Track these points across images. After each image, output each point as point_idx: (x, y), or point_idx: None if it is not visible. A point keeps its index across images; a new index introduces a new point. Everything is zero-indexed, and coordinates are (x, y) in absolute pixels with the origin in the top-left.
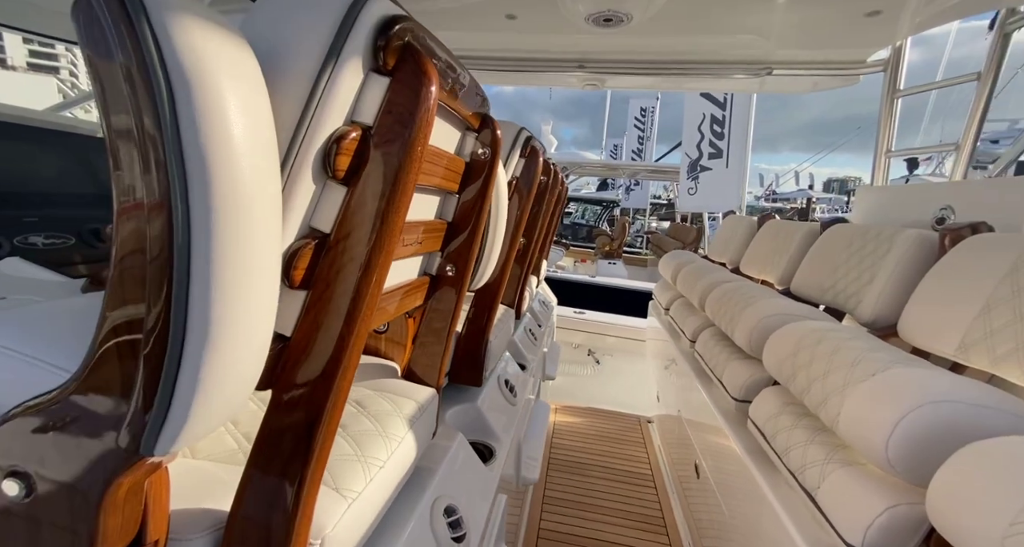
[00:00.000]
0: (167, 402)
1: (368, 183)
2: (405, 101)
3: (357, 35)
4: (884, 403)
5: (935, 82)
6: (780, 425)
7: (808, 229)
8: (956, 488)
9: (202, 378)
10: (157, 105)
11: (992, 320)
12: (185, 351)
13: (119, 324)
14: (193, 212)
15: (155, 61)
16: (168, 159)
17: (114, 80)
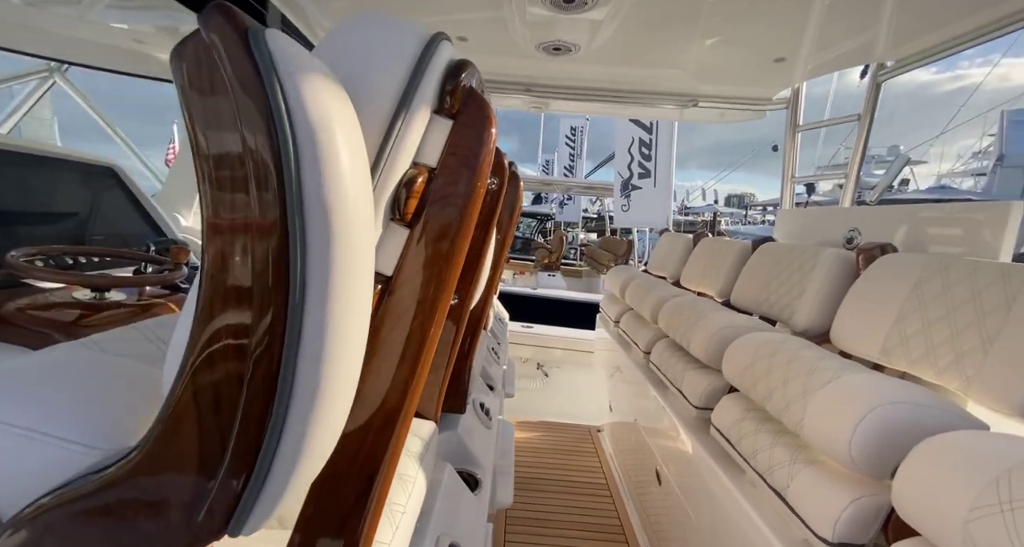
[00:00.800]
0: (266, 468)
1: (432, 225)
2: (469, 143)
3: (429, 78)
4: (844, 407)
5: (825, 120)
6: (744, 430)
7: (741, 247)
8: (920, 479)
9: (308, 433)
10: (280, 144)
11: (905, 328)
12: (293, 402)
13: (206, 382)
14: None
15: (282, 110)
16: (289, 197)
17: (222, 117)
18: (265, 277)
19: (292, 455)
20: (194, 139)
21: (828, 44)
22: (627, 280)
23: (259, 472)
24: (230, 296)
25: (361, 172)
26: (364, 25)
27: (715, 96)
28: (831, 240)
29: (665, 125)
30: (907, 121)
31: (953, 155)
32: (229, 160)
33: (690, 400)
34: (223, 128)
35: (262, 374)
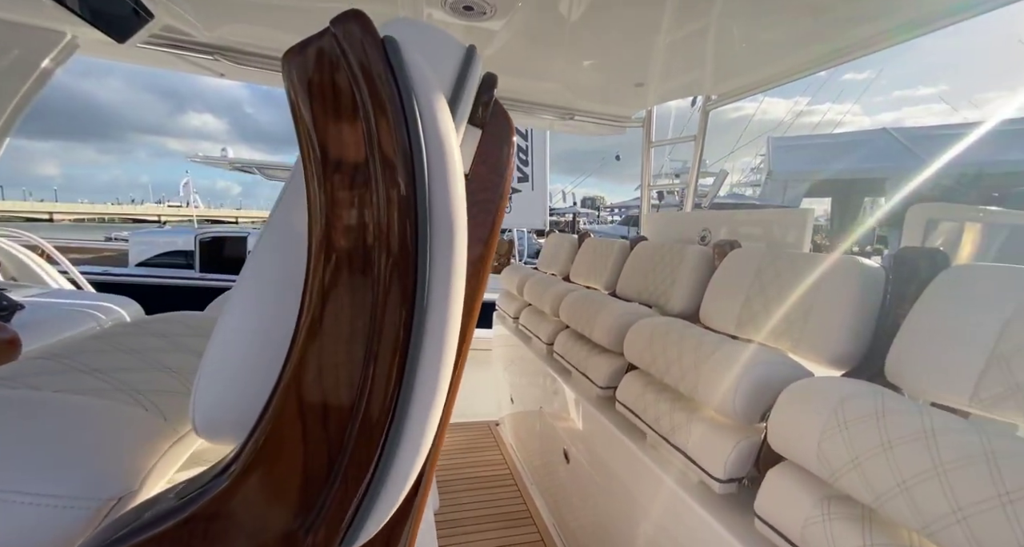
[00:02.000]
0: (385, 475)
1: (470, 230)
2: (497, 152)
3: (470, 90)
4: (727, 371)
5: (671, 138)
6: (647, 401)
7: (621, 245)
8: (786, 417)
9: (425, 435)
10: (414, 152)
11: (752, 306)
12: (413, 405)
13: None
14: (436, 265)
15: (417, 118)
16: (421, 206)
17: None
18: (391, 281)
19: (409, 458)
20: (311, 146)
21: (671, 76)
22: (524, 278)
23: (378, 480)
24: (344, 304)
25: (463, 179)
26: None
27: (587, 111)
28: (689, 238)
29: (539, 133)
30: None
31: (739, 169)
32: (355, 167)
33: (595, 381)
34: (353, 134)
35: (384, 379)
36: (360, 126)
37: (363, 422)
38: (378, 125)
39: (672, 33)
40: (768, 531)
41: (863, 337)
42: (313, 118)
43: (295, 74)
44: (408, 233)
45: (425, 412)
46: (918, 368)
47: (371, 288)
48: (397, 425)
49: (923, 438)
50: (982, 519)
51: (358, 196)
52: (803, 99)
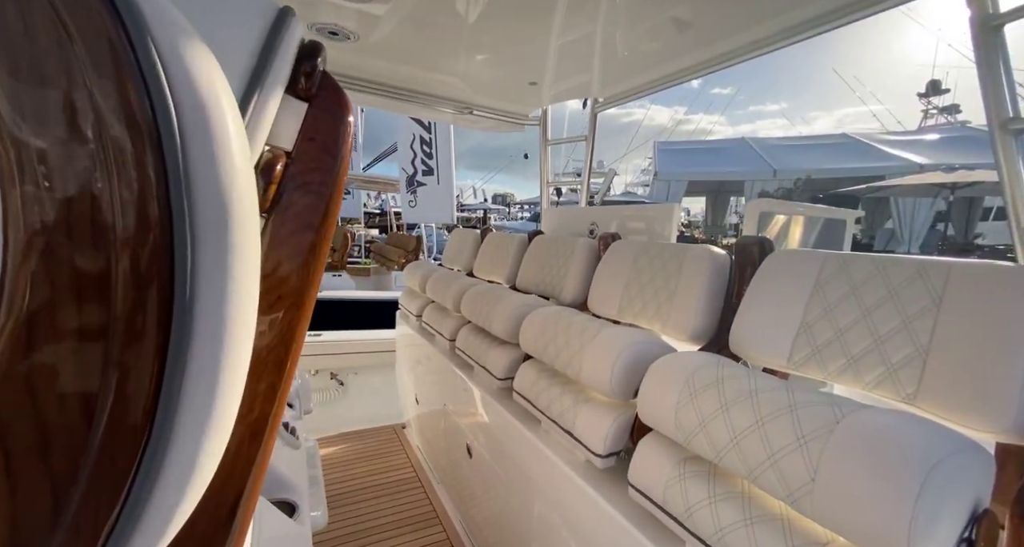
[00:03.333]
0: (140, 508)
1: (294, 213)
2: (328, 129)
3: (283, 55)
4: (605, 353)
5: (565, 137)
6: (540, 388)
7: (520, 239)
8: (650, 391)
9: (200, 456)
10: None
11: (629, 292)
12: (179, 422)
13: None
14: (203, 255)
15: (157, 68)
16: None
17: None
18: (133, 273)
19: (178, 487)
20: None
21: (562, 77)
22: (426, 274)
23: (129, 518)
24: (65, 303)
25: (246, 151)
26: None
27: (486, 107)
28: (580, 231)
29: (442, 126)
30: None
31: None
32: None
33: (494, 373)
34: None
35: (134, 390)
36: (64, 80)
37: (104, 447)
38: (97, 79)
39: (562, 36)
40: (639, 497)
41: (714, 315)
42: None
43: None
44: (154, 218)
45: (200, 429)
46: (751, 339)
47: (107, 281)
48: (156, 448)
49: (749, 398)
50: (786, 461)
51: (73, 174)
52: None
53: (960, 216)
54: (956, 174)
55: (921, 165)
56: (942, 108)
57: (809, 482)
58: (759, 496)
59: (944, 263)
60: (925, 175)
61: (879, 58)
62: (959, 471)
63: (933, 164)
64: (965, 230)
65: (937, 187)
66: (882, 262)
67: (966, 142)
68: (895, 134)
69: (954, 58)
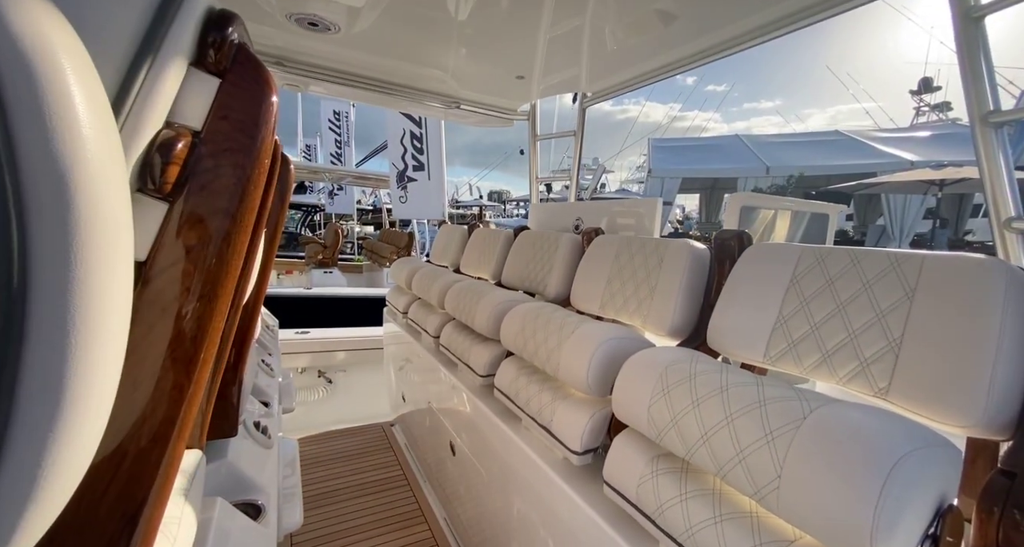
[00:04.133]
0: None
1: (203, 198)
2: (244, 106)
3: (184, 22)
4: (582, 349)
5: (555, 132)
6: (520, 385)
7: (506, 235)
8: (624, 387)
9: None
10: None
11: (611, 288)
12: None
13: None
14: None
15: None
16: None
17: None
18: None
19: (17, 502)
20: None
21: (550, 72)
22: (412, 271)
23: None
24: None
25: (105, 122)
26: None
27: (473, 102)
28: (566, 227)
29: (433, 121)
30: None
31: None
32: None
33: (475, 370)
34: None
35: None
36: None
37: None
38: None
39: (550, 31)
40: (613, 494)
41: (694, 309)
42: None
43: None
44: None
45: (42, 439)
46: (728, 334)
47: None
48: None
49: (720, 393)
50: (754, 457)
51: None
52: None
53: (950, 212)
54: (944, 171)
55: (912, 162)
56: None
57: (775, 479)
58: (729, 493)
59: (917, 255)
60: (914, 172)
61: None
62: (924, 466)
63: (923, 161)
64: (955, 226)
65: (926, 184)
66: (857, 255)
67: (956, 139)
68: (887, 131)
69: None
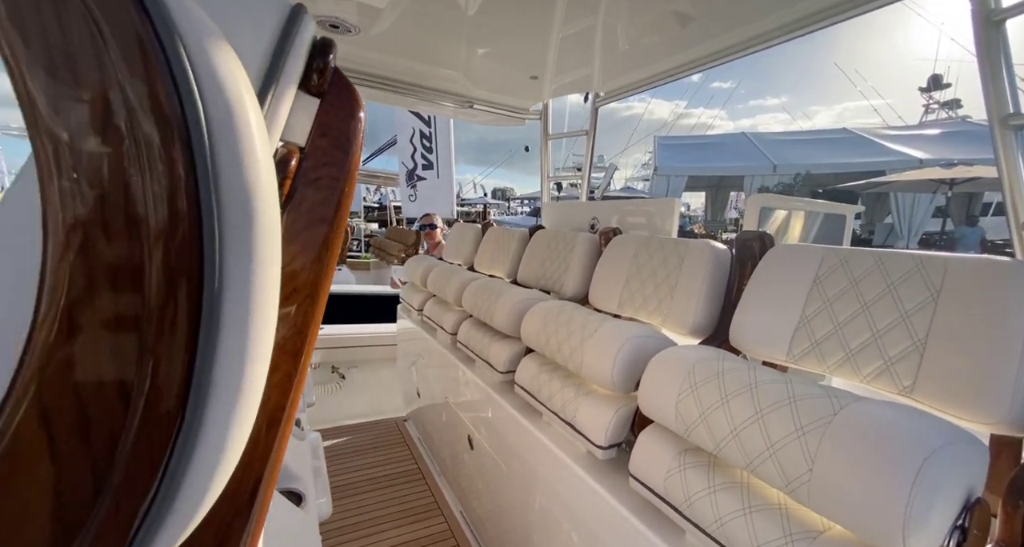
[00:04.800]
0: (173, 495)
1: (308, 208)
2: (339, 125)
3: (297, 52)
4: (606, 347)
5: (567, 132)
6: (541, 381)
7: (520, 234)
8: (652, 384)
9: (228, 441)
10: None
11: (630, 286)
12: (209, 409)
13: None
14: (230, 248)
15: (187, 70)
16: (203, 177)
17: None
18: (167, 263)
19: (208, 471)
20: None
21: (563, 71)
22: (428, 269)
23: (163, 500)
24: (101, 293)
25: (268, 147)
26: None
27: (486, 101)
28: (581, 226)
29: (442, 120)
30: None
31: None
32: (100, 132)
33: (495, 367)
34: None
35: (167, 378)
36: (97, 77)
37: (140, 431)
38: (129, 77)
39: (563, 30)
40: (640, 487)
41: (715, 309)
42: (18, 64)
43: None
44: (184, 212)
45: (228, 415)
46: (751, 334)
47: (140, 273)
48: (188, 433)
49: (749, 390)
50: (785, 451)
51: (108, 169)
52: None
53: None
54: (954, 170)
55: (921, 160)
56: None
57: (807, 472)
58: (758, 486)
59: (942, 258)
60: (924, 171)
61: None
62: (953, 461)
63: (933, 159)
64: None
65: (936, 183)
66: (881, 257)
67: (966, 137)
68: (895, 129)
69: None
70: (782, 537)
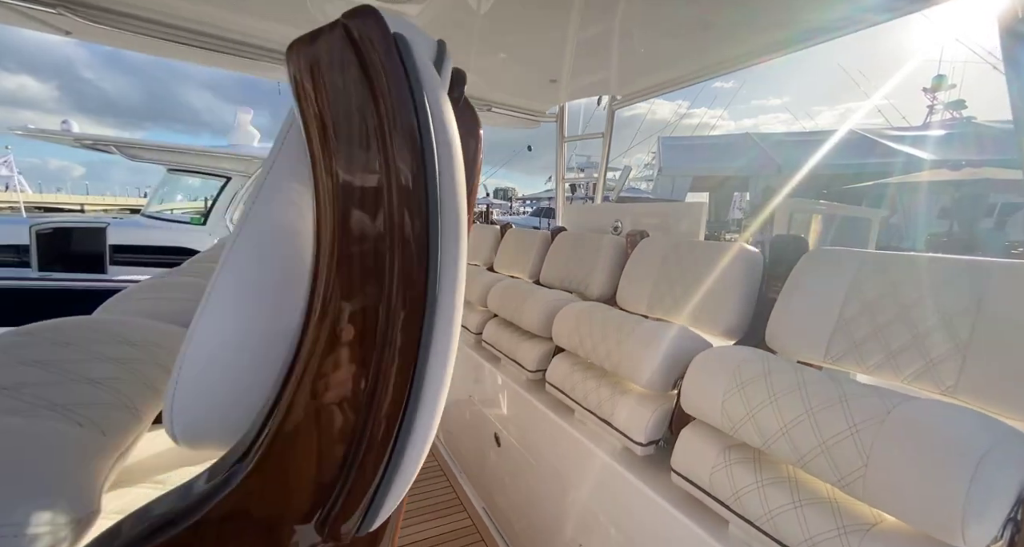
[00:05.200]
0: (399, 462)
1: None
2: (468, 147)
3: (445, 83)
4: (646, 347)
5: (581, 134)
6: (575, 380)
7: (542, 235)
8: (696, 381)
9: (433, 420)
10: (425, 156)
11: (659, 288)
12: (424, 394)
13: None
14: (444, 258)
15: (429, 122)
16: (432, 204)
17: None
18: (404, 273)
19: (420, 447)
20: (322, 140)
21: (581, 74)
22: None
23: (392, 469)
24: (356, 296)
25: (465, 195)
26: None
27: (504, 104)
28: (602, 228)
29: None
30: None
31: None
32: (366, 162)
33: (525, 366)
34: (363, 130)
35: (399, 370)
36: (372, 121)
37: (378, 414)
38: (392, 121)
39: (581, 33)
40: (682, 482)
41: (748, 311)
42: (320, 111)
43: (304, 64)
44: (419, 227)
45: (433, 403)
46: (788, 334)
47: (383, 279)
48: (410, 416)
49: (798, 390)
50: (838, 448)
51: (369, 192)
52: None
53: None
54: (963, 171)
55: (927, 160)
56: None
57: (861, 467)
58: (806, 480)
59: (985, 263)
60: (932, 172)
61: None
62: (1007, 457)
63: (939, 160)
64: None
65: (943, 184)
66: (921, 262)
67: (972, 138)
68: (900, 129)
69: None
70: (835, 529)
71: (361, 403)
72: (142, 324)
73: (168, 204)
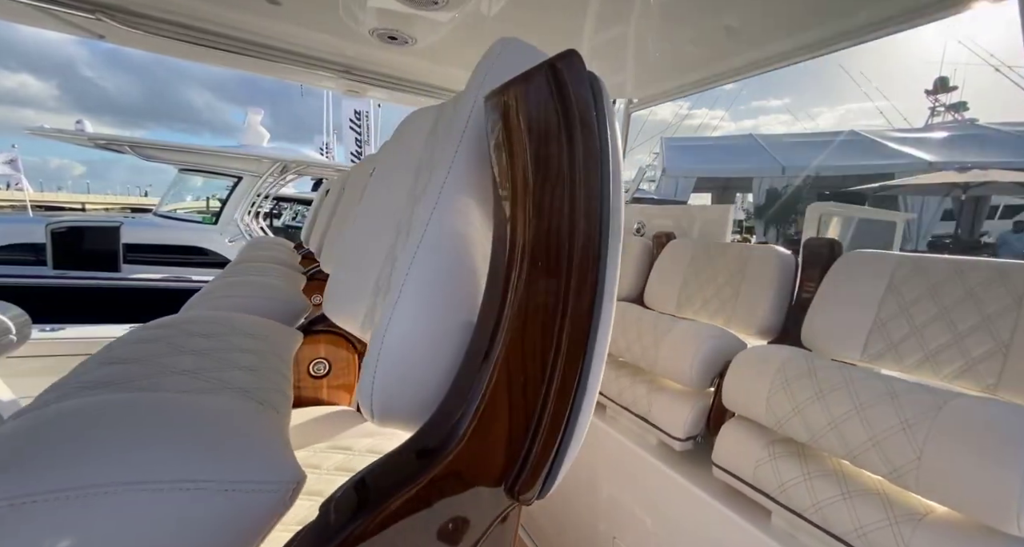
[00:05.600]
0: (571, 432)
1: None
2: None
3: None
4: (685, 346)
5: None
6: (608, 378)
7: None
8: (738, 378)
9: (595, 393)
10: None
11: (688, 288)
12: (591, 368)
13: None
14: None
15: (608, 152)
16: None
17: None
18: (581, 273)
19: (586, 417)
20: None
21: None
22: None
23: (567, 436)
24: (540, 293)
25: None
26: (521, 52)
27: None
28: (626, 229)
29: None
30: None
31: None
32: (557, 181)
33: None
34: (560, 154)
35: (573, 348)
36: (566, 148)
37: (557, 390)
38: (585, 149)
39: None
40: (725, 476)
41: (782, 311)
42: (531, 139)
43: (520, 99)
44: (595, 235)
45: (596, 377)
46: (825, 334)
47: (562, 278)
48: (580, 390)
49: (845, 386)
50: (889, 441)
51: (559, 206)
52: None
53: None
54: (970, 174)
55: (930, 163)
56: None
57: (915, 460)
58: (853, 473)
59: (1022, 265)
60: (939, 174)
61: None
62: None
63: (942, 162)
64: (971, 228)
65: (949, 186)
66: (959, 264)
67: (975, 140)
68: (903, 131)
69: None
70: (885, 519)
71: (537, 383)
72: (249, 319)
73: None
